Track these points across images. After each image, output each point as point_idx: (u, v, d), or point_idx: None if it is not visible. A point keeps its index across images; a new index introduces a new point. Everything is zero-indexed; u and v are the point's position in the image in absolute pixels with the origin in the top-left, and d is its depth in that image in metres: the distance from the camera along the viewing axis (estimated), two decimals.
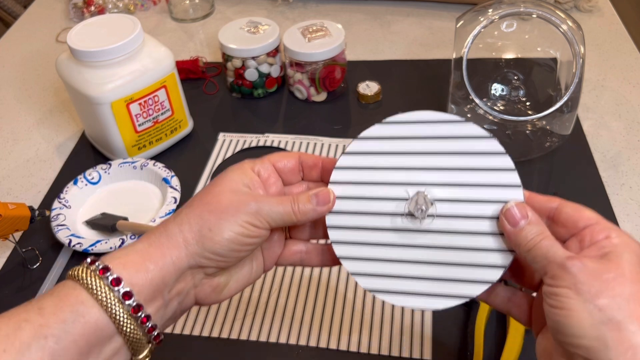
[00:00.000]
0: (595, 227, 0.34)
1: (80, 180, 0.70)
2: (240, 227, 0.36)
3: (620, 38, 0.91)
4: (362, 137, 0.39)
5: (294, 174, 0.41)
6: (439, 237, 0.37)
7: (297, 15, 1.01)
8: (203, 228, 0.36)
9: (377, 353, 0.54)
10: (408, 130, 0.38)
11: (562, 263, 0.32)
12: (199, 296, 0.38)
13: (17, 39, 1.04)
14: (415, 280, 0.38)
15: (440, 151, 0.37)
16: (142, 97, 0.70)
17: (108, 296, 0.33)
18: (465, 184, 0.37)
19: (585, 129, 0.75)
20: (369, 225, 0.39)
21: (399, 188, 0.38)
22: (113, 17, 0.71)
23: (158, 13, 1.06)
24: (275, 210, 0.37)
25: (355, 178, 0.39)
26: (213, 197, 0.37)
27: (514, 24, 0.68)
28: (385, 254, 0.38)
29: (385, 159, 0.38)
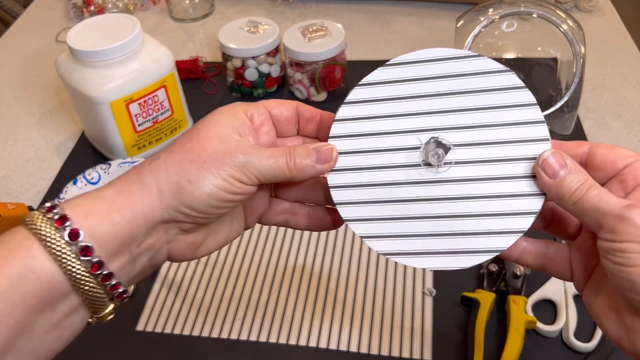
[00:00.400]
0: (636, 164, 0.31)
1: (79, 180, 0.70)
2: (223, 182, 0.32)
3: (621, 38, 0.91)
4: (363, 83, 0.36)
5: (290, 125, 0.37)
6: (459, 186, 0.33)
7: (297, 15, 1.01)
8: (182, 179, 0.31)
9: (377, 353, 0.54)
10: (414, 72, 0.35)
11: (620, 214, 0.28)
12: (173, 252, 0.34)
13: (16, 39, 1.04)
14: (435, 237, 0.33)
15: (453, 91, 0.34)
16: (142, 97, 0.70)
17: (64, 250, 0.28)
18: (483, 124, 0.33)
19: (585, 129, 0.75)
20: (378, 181, 0.34)
21: (410, 136, 0.34)
22: (113, 17, 0.71)
23: (158, 13, 1.06)
24: (266, 164, 0.33)
25: (357, 130, 0.35)
26: (197, 142, 0.32)
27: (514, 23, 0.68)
28: (398, 211, 0.34)
29: (391, 105, 0.35)
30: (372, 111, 0.35)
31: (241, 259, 0.63)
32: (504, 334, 0.53)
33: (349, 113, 0.36)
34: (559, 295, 0.56)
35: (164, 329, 0.58)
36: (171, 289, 0.61)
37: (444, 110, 0.34)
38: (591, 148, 0.32)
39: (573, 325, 0.54)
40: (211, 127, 0.33)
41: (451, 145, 0.34)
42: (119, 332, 0.57)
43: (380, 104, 0.35)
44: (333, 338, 0.55)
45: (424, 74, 0.35)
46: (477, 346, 0.52)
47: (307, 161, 0.34)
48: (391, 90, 0.35)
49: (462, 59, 0.34)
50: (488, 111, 0.33)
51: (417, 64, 0.35)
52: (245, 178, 0.32)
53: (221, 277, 0.62)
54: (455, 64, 0.34)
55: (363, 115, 0.35)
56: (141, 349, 0.56)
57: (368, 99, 0.35)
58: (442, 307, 0.57)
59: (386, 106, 0.35)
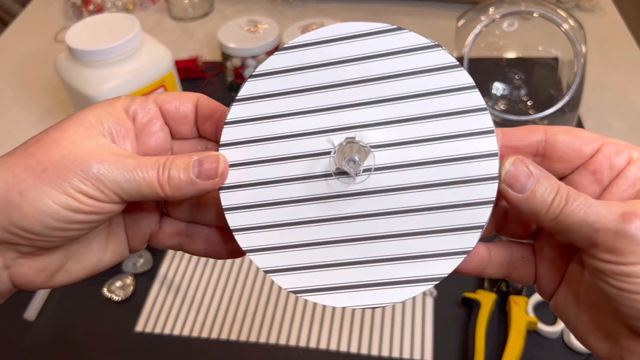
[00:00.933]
0: (607, 148, 0.25)
1: None
2: (66, 197, 0.25)
3: (622, 37, 0.90)
4: (257, 73, 0.28)
5: (189, 125, 0.29)
6: (381, 199, 0.26)
7: (297, 14, 1.01)
8: (12, 190, 0.24)
9: (378, 354, 0.54)
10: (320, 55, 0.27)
11: (618, 229, 0.23)
12: (18, 279, 0.27)
13: (15, 38, 1.03)
14: (354, 267, 0.27)
15: (369, 77, 0.27)
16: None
17: None
18: (410, 117, 0.26)
19: (586, 128, 0.75)
20: (280, 198, 0.27)
21: (319, 137, 0.27)
22: (112, 16, 0.71)
23: (157, 12, 1.06)
24: (129, 178, 0.25)
25: (253, 134, 0.28)
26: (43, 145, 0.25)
27: (515, 23, 0.68)
28: (307, 236, 0.27)
29: (294, 99, 0.27)
30: (271, 109, 0.28)
31: (241, 259, 0.63)
32: (505, 334, 0.53)
33: (242, 113, 0.28)
34: None
35: (163, 330, 0.57)
36: (170, 290, 0.61)
37: (360, 102, 0.27)
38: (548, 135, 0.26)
39: None
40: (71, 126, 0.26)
41: (370, 147, 0.27)
42: (118, 333, 0.57)
43: (281, 98, 0.27)
44: (333, 339, 0.55)
45: (332, 57, 0.27)
46: (477, 347, 0.52)
47: (185, 176, 0.26)
48: (293, 80, 0.27)
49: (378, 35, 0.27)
50: (415, 100, 0.26)
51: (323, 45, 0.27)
52: (98, 193, 0.25)
53: (221, 277, 0.62)
54: (372, 42, 0.27)
55: (260, 115, 0.28)
56: (140, 350, 0.56)
57: (265, 94, 0.28)
58: (443, 308, 0.57)
59: (288, 101, 0.27)
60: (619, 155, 0.25)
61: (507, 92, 0.71)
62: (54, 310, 0.60)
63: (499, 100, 0.70)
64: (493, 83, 0.70)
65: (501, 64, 0.71)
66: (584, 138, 0.26)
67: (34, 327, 0.58)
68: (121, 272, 0.62)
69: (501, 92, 0.70)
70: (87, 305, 0.60)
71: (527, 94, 0.71)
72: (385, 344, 0.55)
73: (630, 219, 0.23)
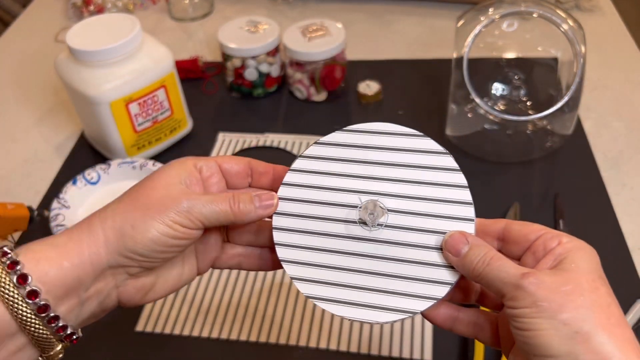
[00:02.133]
0: (545, 235, 0.34)
1: (79, 180, 0.70)
2: (165, 227, 0.33)
3: (622, 37, 0.91)
4: (321, 142, 0.39)
5: (241, 178, 0.39)
6: (387, 247, 0.36)
7: (297, 15, 1.01)
8: (125, 225, 0.33)
9: (378, 354, 0.54)
10: (366, 140, 0.38)
11: (517, 283, 0.31)
12: (122, 297, 0.36)
13: (15, 39, 1.03)
14: (358, 290, 0.36)
15: (396, 163, 0.37)
16: (142, 96, 0.69)
17: (12, 293, 0.31)
18: (417, 197, 0.37)
19: (586, 128, 0.75)
20: (316, 229, 0.37)
21: (352, 195, 0.37)
22: (112, 17, 0.71)
23: (157, 12, 1.06)
24: (209, 209, 0.35)
25: (308, 181, 0.38)
26: (143, 191, 0.34)
27: (514, 23, 0.68)
28: (330, 260, 0.37)
29: (342, 165, 0.38)
30: (324, 167, 0.38)
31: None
32: None
33: (303, 165, 0.39)
34: None
35: (164, 330, 0.57)
36: None
37: (386, 178, 0.37)
38: (507, 225, 0.36)
39: None
40: (159, 177, 0.35)
41: (387, 209, 0.37)
42: (119, 333, 0.57)
43: (333, 162, 0.38)
44: (333, 338, 0.55)
45: (374, 144, 0.38)
46: (477, 346, 0.52)
47: (250, 206, 0.36)
48: (344, 152, 0.38)
49: (409, 137, 0.38)
50: (423, 186, 0.37)
51: (370, 134, 0.38)
52: (188, 222, 0.34)
53: (221, 277, 0.62)
54: (403, 140, 0.38)
55: (315, 170, 0.38)
56: (141, 350, 0.56)
57: (323, 157, 0.38)
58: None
59: (337, 165, 0.38)
60: (553, 240, 0.33)
61: (506, 93, 0.71)
62: None
63: (498, 100, 0.70)
64: (493, 83, 0.70)
65: (501, 64, 0.71)
66: (531, 229, 0.34)
67: None
68: None
69: (501, 93, 0.71)
70: None
71: (527, 94, 0.71)
72: (385, 343, 0.55)
73: (527, 277, 0.31)
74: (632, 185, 0.68)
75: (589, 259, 0.32)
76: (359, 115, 0.80)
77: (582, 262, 0.32)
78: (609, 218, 0.64)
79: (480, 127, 0.69)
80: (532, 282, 0.30)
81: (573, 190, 0.67)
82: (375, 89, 0.82)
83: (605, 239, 0.62)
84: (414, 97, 0.82)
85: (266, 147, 0.76)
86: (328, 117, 0.80)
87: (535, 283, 0.30)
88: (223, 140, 0.78)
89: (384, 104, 0.81)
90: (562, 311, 0.29)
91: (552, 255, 0.33)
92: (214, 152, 0.76)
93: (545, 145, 0.70)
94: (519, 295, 0.31)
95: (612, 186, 0.68)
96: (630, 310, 0.54)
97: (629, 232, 0.63)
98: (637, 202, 0.66)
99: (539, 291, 0.30)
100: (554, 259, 0.32)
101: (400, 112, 0.80)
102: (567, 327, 0.29)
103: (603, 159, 0.71)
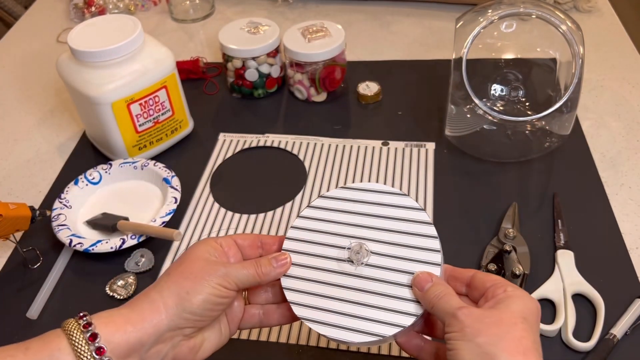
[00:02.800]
0: (497, 284, 0.41)
1: (81, 180, 0.71)
2: (212, 289, 0.42)
3: (620, 38, 0.91)
4: (325, 195, 0.48)
5: (253, 249, 0.47)
6: (368, 282, 0.44)
7: (297, 16, 1.01)
8: (181, 292, 0.41)
9: (377, 352, 0.54)
10: (357, 195, 0.47)
11: (454, 312, 0.39)
12: (177, 357, 0.43)
13: (17, 40, 1.04)
14: (342, 315, 0.44)
15: (381, 215, 0.46)
16: (143, 97, 0.70)
17: (83, 348, 0.38)
18: (395, 243, 0.45)
19: (584, 129, 0.76)
20: (313, 264, 0.46)
21: (344, 239, 0.46)
22: (113, 18, 0.71)
23: (158, 13, 1.06)
24: (242, 273, 0.43)
25: (310, 226, 0.47)
26: (187, 265, 0.43)
27: (513, 24, 0.68)
28: (321, 290, 0.45)
29: (336, 214, 0.47)
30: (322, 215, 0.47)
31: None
32: None
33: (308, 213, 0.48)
34: (557, 295, 0.57)
35: None
36: None
37: (372, 227, 0.46)
38: (474, 273, 0.43)
39: (572, 325, 0.54)
40: (195, 253, 0.44)
41: (370, 251, 0.45)
42: None
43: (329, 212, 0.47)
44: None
45: (361, 198, 0.47)
46: None
47: (269, 267, 0.45)
48: (337, 204, 0.47)
49: (393, 194, 0.46)
50: (401, 234, 0.45)
51: (360, 191, 0.47)
52: (227, 284, 0.42)
53: None
54: (387, 197, 0.46)
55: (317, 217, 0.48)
56: None
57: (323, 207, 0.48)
58: None
59: (332, 214, 0.47)
60: (500, 288, 0.40)
61: (505, 93, 0.71)
62: (57, 309, 0.60)
63: (497, 101, 0.71)
64: (491, 84, 0.71)
65: (499, 65, 0.72)
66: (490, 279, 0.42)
67: (37, 326, 0.59)
68: (123, 271, 0.63)
69: (499, 93, 0.71)
70: (89, 304, 0.60)
71: (525, 94, 0.71)
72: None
73: (462, 309, 0.39)
74: (630, 185, 0.68)
75: (522, 304, 0.39)
76: (359, 116, 0.80)
77: (514, 305, 0.39)
78: (607, 218, 0.64)
79: (479, 127, 0.69)
80: (465, 313, 0.38)
81: (571, 190, 0.68)
82: (374, 90, 0.82)
83: (604, 239, 0.62)
84: (413, 97, 0.83)
85: (266, 147, 0.77)
86: (328, 118, 0.80)
87: (467, 314, 0.38)
88: (224, 140, 0.78)
89: (383, 105, 0.82)
90: (479, 335, 0.37)
91: (495, 299, 0.40)
92: (214, 152, 0.77)
93: (543, 146, 0.71)
94: (453, 322, 0.39)
95: (610, 186, 0.68)
96: (628, 309, 0.55)
97: (627, 232, 0.63)
98: (635, 201, 0.66)
99: (467, 320, 0.38)
100: (494, 302, 0.40)
101: (399, 113, 0.80)
102: (479, 348, 0.36)
103: (601, 159, 0.71)
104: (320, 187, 0.71)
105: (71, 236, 0.63)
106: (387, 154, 0.74)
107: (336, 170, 0.73)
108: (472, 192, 0.69)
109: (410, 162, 0.72)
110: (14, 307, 0.61)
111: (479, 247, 0.62)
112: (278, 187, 0.71)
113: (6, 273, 0.65)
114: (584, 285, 0.57)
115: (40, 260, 0.65)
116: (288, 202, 0.69)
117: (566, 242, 0.61)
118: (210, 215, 0.69)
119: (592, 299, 0.56)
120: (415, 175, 0.71)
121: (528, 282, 0.58)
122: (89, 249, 0.62)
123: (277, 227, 0.67)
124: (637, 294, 0.56)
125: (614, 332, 0.53)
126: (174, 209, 0.66)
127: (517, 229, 0.62)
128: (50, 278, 0.62)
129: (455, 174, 0.71)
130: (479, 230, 0.64)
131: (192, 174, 0.74)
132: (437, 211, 0.66)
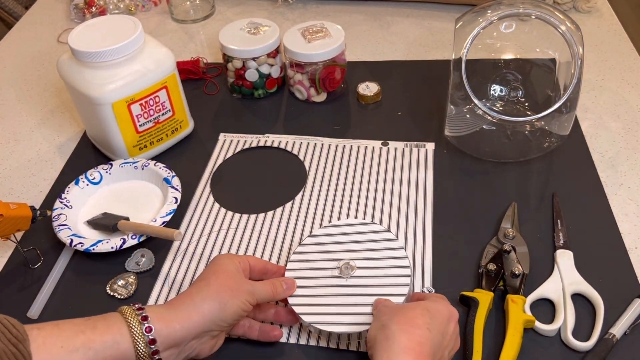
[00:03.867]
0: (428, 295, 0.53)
1: (81, 180, 0.71)
2: (242, 303, 0.51)
3: (619, 39, 0.91)
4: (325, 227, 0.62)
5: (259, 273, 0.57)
6: (353, 289, 0.55)
7: (297, 16, 1.01)
8: (220, 302, 0.50)
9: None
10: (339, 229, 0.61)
11: (377, 306, 0.52)
12: (201, 351, 0.52)
13: (18, 40, 1.04)
14: (336, 315, 0.54)
15: (357, 240, 0.59)
16: (143, 97, 0.70)
17: (139, 338, 0.47)
18: (373, 258, 0.57)
19: (583, 129, 0.76)
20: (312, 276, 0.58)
21: (335, 258, 0.58)
22: (114, 18, 0.72)
23: (159, 14, 1.06)
24: (263, 291, 0.53)
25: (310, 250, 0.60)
26: (224, 279, 0.52)
27: (512, 24, 0.68)
28: (319, 299, 0.55)
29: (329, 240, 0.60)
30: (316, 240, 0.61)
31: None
32: (503, 333, 0.54)
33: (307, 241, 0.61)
34: (557, 295, 0.57)
35: None
36: (172, 288, 0.61)
37: (354, 249, 0.58)
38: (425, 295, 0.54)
39: (571, 324, 0.54)
40: (227, 267, 0.53)
41: (356, 267, 0.57)
42: None
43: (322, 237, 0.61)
44: (333, 337, 0.56)
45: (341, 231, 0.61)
46: (475, 345, 0.53)
47: (281, 288, 0.55)
48: (327, 230, 0.61)
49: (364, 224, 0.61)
50: (376, 252, 0.58)
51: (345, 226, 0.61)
52: (252, 300, 0.52)
53: None
54: (363, 227, 0.60)
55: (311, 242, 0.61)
56: None
57: (320, 234, 0.61)
58: None
59: (327, 242, 0.60)
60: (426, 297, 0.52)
61: (504, 94, 0.71)
62: (57, 309, 0.60)
63: (496, 101, 0.71)
64: (491, 84, 0.71)
65: (499, 66, 0.72)
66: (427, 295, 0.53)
67: None
68: (124, 271, 0.63)
69: (499, 93, 0.71)
70: (89, 303, 0.60)
71: (525, 95, 0.71)
72: None
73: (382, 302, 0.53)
74: (629, 185, 0.68)
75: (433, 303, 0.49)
76: (359, 116, 0.81)
77: (424, 302, 0.49)
78: (606, 218, 0.65)
79: (479, 127, 0.69)
80: (383, 304, 0.51)
81: (571, 190, 0.68)
82: (374, 90, 0.82)
83: (603, 239, 0.62)
84: (413, 98, 0.83)
85: (267, 147, 0.77)
86: (328, 118, 0.80)
87: (384, 305, 0.51)
88: (224, 140, 0.79)
89: (383, 105, 0.82)
90: (383, 315, 0.48)
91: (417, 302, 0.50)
92: (215, 152, 0.77)
93: (543, 146, 0.71)
94: (375, 314, 0.51)
95: (609, 186, 0.68)
96: (627, 309, 0.55)
97: (626, 232, 0.63)
98: (634, 202, 0.66)
99: (383, 309, 0.49)
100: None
101: (399, 113, 0.80)
102: (379, 322, 0.47)
103: (600, 159, 0.72)
104: (320, 187, 0.71)
105: (72, 236, 0.64)
106: (386, 154, 0.74)
107: (336, 170, 0.73)
108: (471, 192, 0.69)
109: (410, 162, 0.73)
110: (14, 307, 0.61)
111: (478, 247, 0.62)
112: (278, 187, 0.72)
113: (7, 273, 0.65)
114: (583, 285, 0.57)
115: (40, 260, 0.65)
116: (288, 202, 0.70)
117: (565, 242, 0.61)
118: (210, 215, 0.69)
119: (592, 298, 0.56)
120: (414, 175, 0.71)
121: (527, 282, 0.58)
122: (90, 248, 0.62)
123: (277, 227, 0.67)
124: (636, 293, 0.57)
125: (613, 331, 0.53)
126: (174, 209, 0.66)
127: (516, 229, 0.63)
128: (51, 278, 0.63)
129: (455, 174, 0.71)
130: (478, 230, 0.64)
131: (193, 174, 0.74)
132: (436, 211, 0.67)
